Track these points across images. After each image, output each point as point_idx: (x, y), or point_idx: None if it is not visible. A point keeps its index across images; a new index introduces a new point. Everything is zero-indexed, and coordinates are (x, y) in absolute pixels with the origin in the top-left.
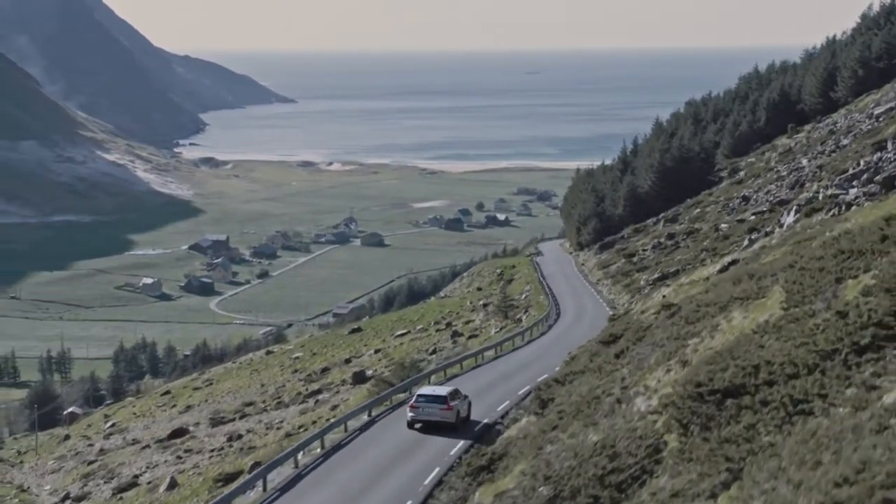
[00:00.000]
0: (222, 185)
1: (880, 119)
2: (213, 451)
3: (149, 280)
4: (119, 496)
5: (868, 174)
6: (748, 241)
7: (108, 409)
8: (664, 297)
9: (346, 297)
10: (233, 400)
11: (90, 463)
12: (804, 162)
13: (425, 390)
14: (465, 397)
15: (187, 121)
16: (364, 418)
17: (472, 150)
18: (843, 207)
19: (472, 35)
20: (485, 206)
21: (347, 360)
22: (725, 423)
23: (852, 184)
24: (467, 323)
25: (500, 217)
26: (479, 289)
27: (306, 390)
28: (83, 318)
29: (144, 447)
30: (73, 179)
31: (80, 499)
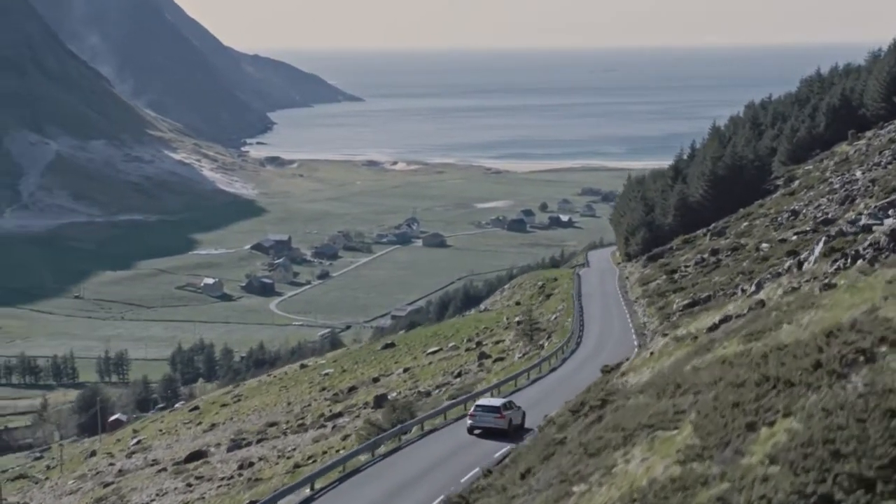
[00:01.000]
0: (287, 185)
1: None
2: (222, 479)
3: (210, 280)
4: None
5: None
6: (755, 286)
7: (138, 424)
8: (651, 354)
9: (405, 300)
10: (258, 419)
11: (107, 485)
12: (858, 174)
13: (482, 401)
14: (519, 408)
15: (255, 120)
16: (307, 492)
17: (539, 150)
18: (848, 261)
19: (550, 33)
20: (548, 207)
21: (375, 380)
22: None
23: (888, 213)
24: (497, 343)
25: (564, 218)
26: (518, 303)
27: (329, 411)
28: (144, 318)
29: (161, 470)
30: (141, 178)
31: None
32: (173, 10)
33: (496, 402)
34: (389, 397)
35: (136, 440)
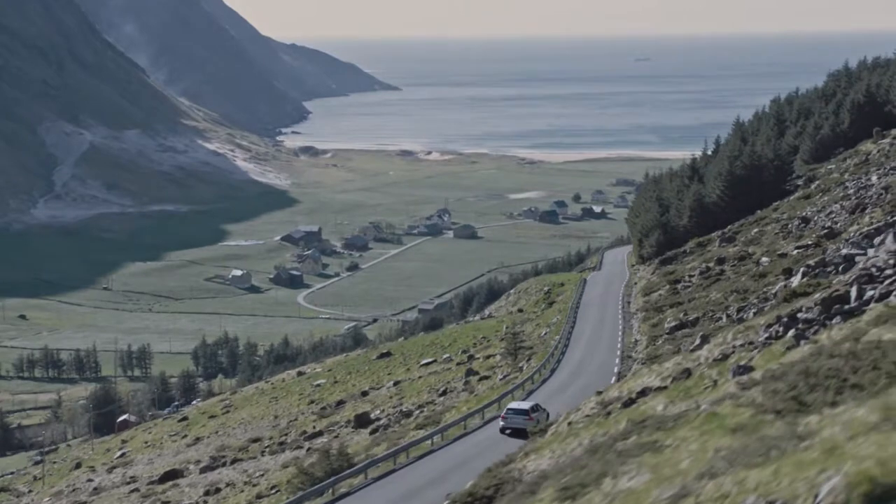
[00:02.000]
0: (320, 175)
1: None
2: None
3: (238, 272)
4: None
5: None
6: (699, 339)
7: (126, 435)
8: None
9: (433, 293)
10: (242, 433)
11: None
12: (874, 179)
13: (513, 405)
14: (544, 410)
15: (291, 109)
16: None
17: (574, 139)
18: (780, 330)
19: (583, 21)
20: (581, 198)
21: (364, 393)
22: None
23: (873, 242)
24: (488, 357)
25: (597, 209)
26: (521, 310)
27: (313, 428)
28: (171, 311)
29: (133, 490)
30: (173, 168)
31: None
32: (210, 0)
33: (525, 405)
34: (372, 416)
35: (121, 452)
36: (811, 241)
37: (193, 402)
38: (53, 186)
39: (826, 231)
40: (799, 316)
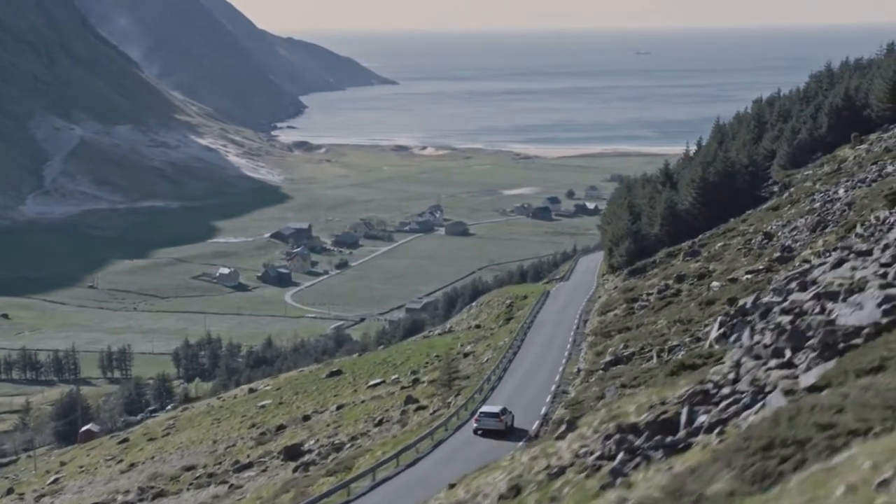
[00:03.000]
0: (313, 170)
1: None
2: None
3: (225, 270)
4: None
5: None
6: (566, 424)
7: (67, 455)
8: None
9: (422, 291)
10: (178, 459)
11: None
12: (841, 192)
13: (485, 408)
14: (510, 412)
15: (287, 103)
16: None
17: (570, 134)
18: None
19: (585, 15)
20: (575, 194)
21: (306, 417)
22: None
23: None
24: (433, 381)
25: (590, 206)
26: (479, 326)
27: (247, 457)
28: (156, 310)
29: None
30: (165, 164)
31: None
32: None
33: (495, 409)
34: (302, 448)
35: (54, 477)
36: (762, 266)
37: (166, 408)
38: (43, 182)
39: (779, 254)
40: (632, 438)
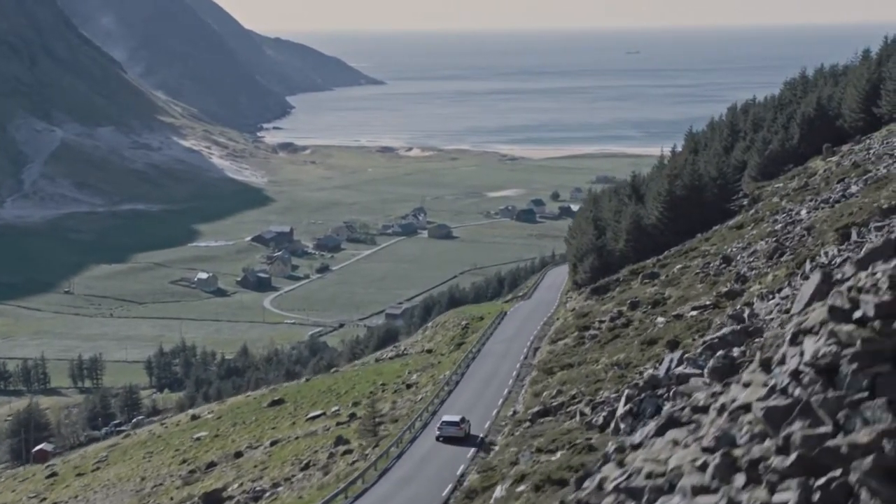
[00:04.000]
0: (297, 172)
1: None
2: None
3: (203, 275)
4: None
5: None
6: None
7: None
8: None
9: (403, 295)
10: (103, 499)
11: None
12: (803, 213)
13: (446, 418)
14: (468, 421)
15: (273, 104)
16: None
17: (557, 134)
18: None
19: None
20: (560, 196)
21: (238, 454)
22: None
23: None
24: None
25: (574, 208)
26: (430, 351)
27: (170, 501)
28: (133, 316)
29: None
30: (147, 166)
31: None
32: None
33: (455, 418)
34: (225, 493)
35: None
36: (710, 301)
37: (133, 420)
38: (22, 185)
39: (727, 289)
40: None
